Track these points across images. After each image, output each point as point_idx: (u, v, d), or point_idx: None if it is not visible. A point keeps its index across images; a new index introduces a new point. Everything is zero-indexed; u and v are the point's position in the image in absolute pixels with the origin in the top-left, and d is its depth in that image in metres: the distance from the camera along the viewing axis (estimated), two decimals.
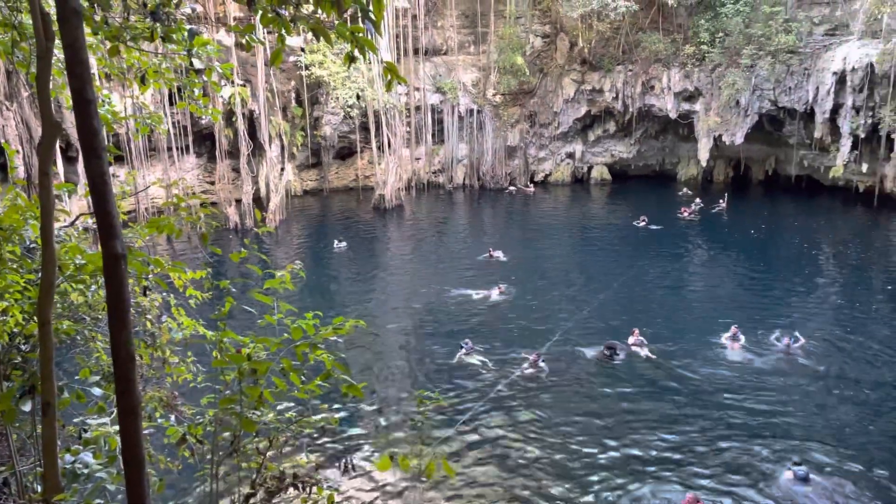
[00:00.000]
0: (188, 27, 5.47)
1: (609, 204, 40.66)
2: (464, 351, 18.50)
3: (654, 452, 13.93)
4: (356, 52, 4.13)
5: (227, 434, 4.23)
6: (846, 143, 34.43)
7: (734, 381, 16.98)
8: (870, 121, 33.40)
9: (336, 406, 14.74)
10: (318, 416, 4.82)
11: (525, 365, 17.76)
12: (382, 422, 15.21)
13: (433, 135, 43.40)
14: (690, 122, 40.39)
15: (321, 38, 4.10)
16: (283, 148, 36.87)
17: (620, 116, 42.44)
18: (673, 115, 40.19)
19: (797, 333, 18.99)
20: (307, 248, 32.24)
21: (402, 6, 39.47)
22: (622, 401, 16.23)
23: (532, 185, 44.09)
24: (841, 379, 17.28)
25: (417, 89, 41.74)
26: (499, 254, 28.30)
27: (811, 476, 12.58)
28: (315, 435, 13.92)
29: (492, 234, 34.37)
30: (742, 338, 18.95)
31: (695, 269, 28.21)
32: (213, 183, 37.27)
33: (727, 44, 36.87)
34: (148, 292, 5.89)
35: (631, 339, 18.99)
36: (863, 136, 33.90)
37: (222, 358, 3.85)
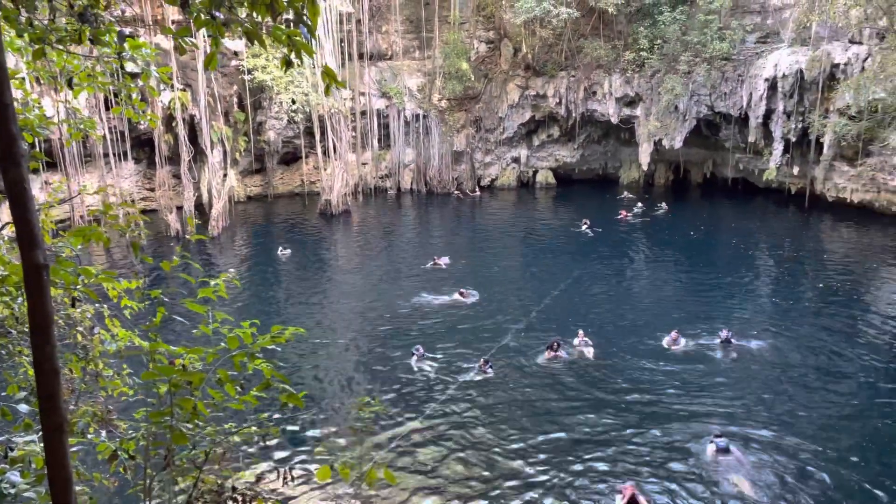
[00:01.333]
0: (118, 29, 5.30)
1: (554, 208, 41.24)
2: (415, 357, 18.47)
3: (594, 445, 14.36)
4: (293, 57, 4.08)
5: (161, 448, 4.10)
6: (778, 147, 35.77)
7: (673, 376, 17.51)
8: (800, 125, 34.78)
9: (276, 416, 14.53)
10: (258, 427, 4.72)
11: (474, 370, 17.87)
12: (325, 430, 15.05)
13: (379, 140, 43.27)
14: (632, 127, 41.31)
15: (255, 42, 4.03)
16: (225, 153, 36.19)
17: (564, 121, 43.11)
18: (615, 120, 41.03)
19: (730, 333, 19.60)
20: (251, 256, 31.68)
21: (346, 11, 39.25)
22: (566, 399, 16.49)
23: (479, 189, 44.36)
24: (774, 368, 18.14)
25: (363, 94, 41.57)
26: (444, 260, 28.19)
27: (731, 447, 13.75)
28: (255, 446, 13.66)
29: (440, 239, 34.45)
30: (683, 340, 19.44)
31: (637, 270, 28.84)
32: (153, 190, 36.32)
33: (665, 50, 37.86)
34: (77, 303, 5.67)
35: (576, 341, 19.30)
36: (794, 140, 35.27)
37: (152, 370, 3.73)
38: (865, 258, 28.38)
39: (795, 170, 36.43)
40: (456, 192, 43.73)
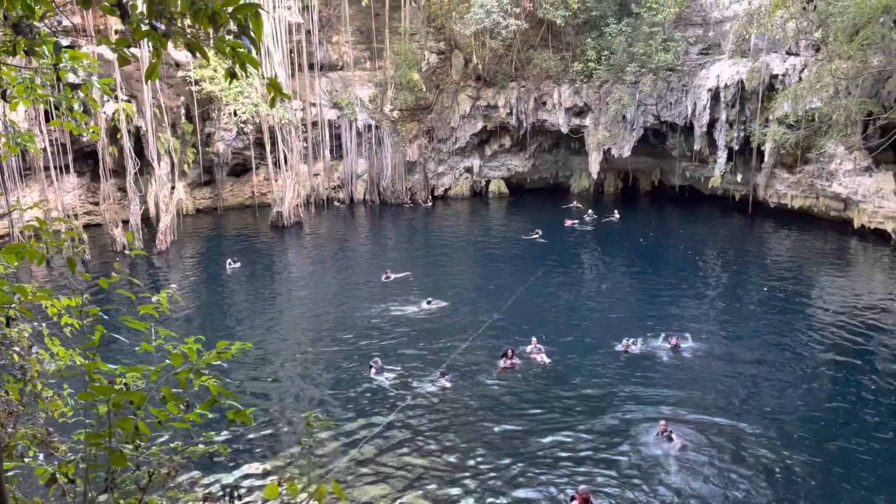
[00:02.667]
0: (55, 40, 5.15)
1: (507, 217, 41.57)
2: (373, 370, 18.30)
3: (549, 450, 14.53)
4: (237, 68, 4.03)
5: (101, 471, 3.98)
6: (722, 155, 36.86)
7: (626, 380, 17.85)
8: (742, 134, 35.92)
9: (224, 433, 14.25)
10: (205, 445, 4.61)
11: (431, 381, 17.83)
12: (274, 447, 14.77)
13: (331, 150, 43.02)
14: (581, 137, 41.99)
15: (196, 54, 3.96)
16: (172, 165, 35.44)
17: (515, 131, 43.59)
18: (564, 130, 41.67)
19: (679, 338, 20.06)
20: (199, 270, 31.02)
21: (295, 21, 38.97)
22: (521, 407, 16.59)
23: (432, 199, 44.45)
24: (722, 369, 18.70)
25: (314, 105, 41.28)
26: (397, 274, 27.58)
27: (675, 435, 14.48)
28: (202, 465, 13.35)
29: (394, 250, 34.35)
30: (635, 346, 19.77)
31: (589, 277, 29.26)
32: (97, 203, 35.34)
33: (612, 61, 38.64)
34: (13, 322, 5.47)
35: (529, 348, 19.46)
36: (737, 148, 36.42)
37: (91, 390, 3.62)
38: (805, 261, 29.42)
39: (739, 177, 37.57)
40: (409, 202, 43.73)
